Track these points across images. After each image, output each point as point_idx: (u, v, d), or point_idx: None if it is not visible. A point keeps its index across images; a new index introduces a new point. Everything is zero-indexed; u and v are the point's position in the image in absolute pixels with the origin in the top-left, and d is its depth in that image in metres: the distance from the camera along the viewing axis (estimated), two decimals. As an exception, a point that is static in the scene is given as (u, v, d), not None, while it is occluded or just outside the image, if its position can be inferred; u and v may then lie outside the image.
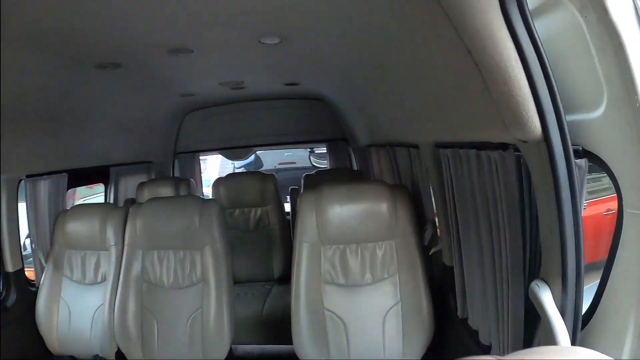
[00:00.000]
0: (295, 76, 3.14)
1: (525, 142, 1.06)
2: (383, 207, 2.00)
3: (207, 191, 5.57)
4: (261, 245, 3.62)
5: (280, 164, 7.23)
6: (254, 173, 3.72)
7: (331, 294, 2.03)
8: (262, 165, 7.02)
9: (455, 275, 1.78)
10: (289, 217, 3.75)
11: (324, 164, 5.88)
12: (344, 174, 3.72)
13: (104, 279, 2.40)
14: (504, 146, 1.22)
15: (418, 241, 2.03)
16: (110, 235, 2.42)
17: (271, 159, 7.13)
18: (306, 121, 4.28)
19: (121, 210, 2.50)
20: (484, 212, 1.40)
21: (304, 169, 7.01)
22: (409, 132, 2.10)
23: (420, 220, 2.12)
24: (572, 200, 0.99)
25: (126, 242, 2.33)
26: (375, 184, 2.12)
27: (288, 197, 3.99)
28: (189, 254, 2.24)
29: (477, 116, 1.26)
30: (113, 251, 2.40)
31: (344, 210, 2.01)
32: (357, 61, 2.15)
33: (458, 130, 1.51)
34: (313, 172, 3.82)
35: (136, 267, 2.28)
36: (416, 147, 2.06)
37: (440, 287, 2.10)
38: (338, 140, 4.29)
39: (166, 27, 1.72)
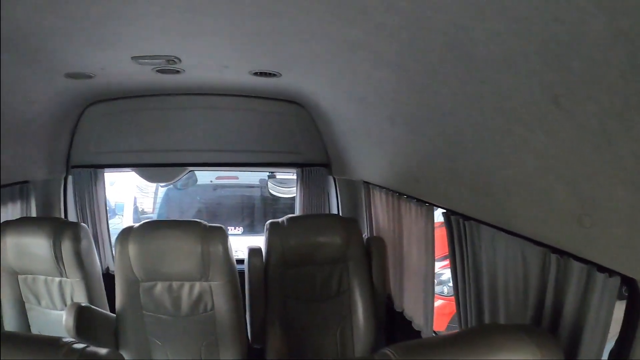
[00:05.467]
0: (275, 61, 1.88)
1: None
2: None
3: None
4: (200, 338, 2.25)
5: (217, 178, 5.74)
6: (191, 224, 2.28)
7: None
8: (195, 181, 5.46)
9: None
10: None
11: (283, 193, 4.49)
12: (332, 227, 2.43)
13: None
14: None
15: None
16: None
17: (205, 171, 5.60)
18: (273, 133, 2.92)
19: None
20: None
21: (249, 187, 5.61)
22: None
23: None
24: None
25: None
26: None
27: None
28: None
29: None
30: None
31: None
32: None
33: None
34: (282, 219, 2.47)
35: None
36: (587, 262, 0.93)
37: None
38: (316, 166, 3.00)
39: None
